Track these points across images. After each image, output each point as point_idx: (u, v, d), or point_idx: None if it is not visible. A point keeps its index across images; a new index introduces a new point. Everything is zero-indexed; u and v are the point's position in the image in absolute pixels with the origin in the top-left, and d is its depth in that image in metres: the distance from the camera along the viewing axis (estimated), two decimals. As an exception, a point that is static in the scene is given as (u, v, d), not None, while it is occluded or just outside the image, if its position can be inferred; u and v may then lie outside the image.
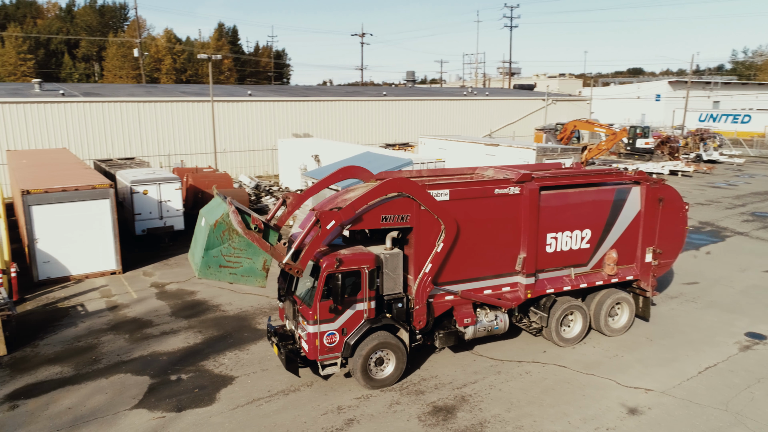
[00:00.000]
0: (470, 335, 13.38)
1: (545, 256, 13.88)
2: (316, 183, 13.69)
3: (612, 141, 39.79)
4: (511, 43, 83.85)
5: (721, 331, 15.51)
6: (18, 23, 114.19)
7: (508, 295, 13.67)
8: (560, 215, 13.87)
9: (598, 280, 14.63)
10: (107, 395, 12.14)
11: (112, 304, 17.36)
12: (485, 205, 13.00)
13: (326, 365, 12.09)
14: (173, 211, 24.17)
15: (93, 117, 34.40)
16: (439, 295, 12.89)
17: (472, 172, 15.02)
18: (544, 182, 13.68)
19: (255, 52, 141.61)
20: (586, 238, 14.30)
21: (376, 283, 12.14)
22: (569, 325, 14.63)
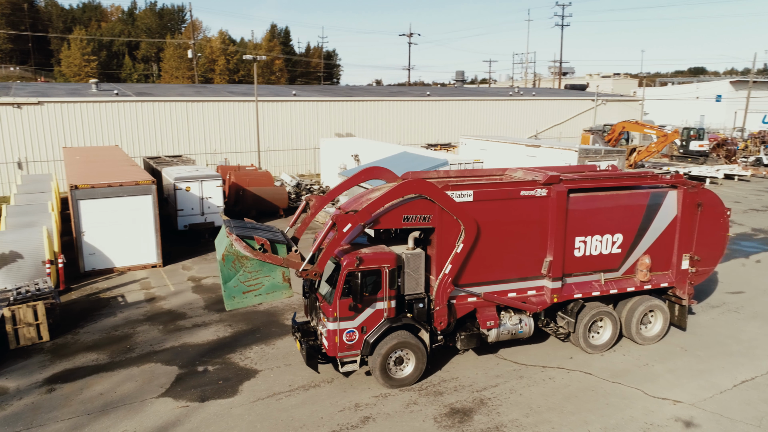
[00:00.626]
0: (493, 338, 13.25)
1: (573, 260, 13.58)
2: (339, 185, 13.85)
3: (662, 143, 38.41)
4: (561, 42, 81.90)
5: (763, 344, 14.78)
6: (83, 26, 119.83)
7: (533, 299, 13.45)
8: (590, 219, 13.54)
9: (629, 286, 14.19)
10: (137, 383, 12.65)
11: (150, 296, 18.05)
12: (511, 207, 12.85)
13: (345, 362, 12.22)
14: (214, 208, 24.86)
15: (144, 116, 35.79)
16: (461, 297, 12.81)
17: (502, 173, 14.88)
18: (572, 185, 13.39)
19: (306, 52, 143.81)
20: (617, 243, 13.90)
21: (397, 282, 12.19)
22: (598, 332, 14.25)
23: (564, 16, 78.87)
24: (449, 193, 12.24)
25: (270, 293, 11.75)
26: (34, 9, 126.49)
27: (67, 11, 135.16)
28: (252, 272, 11.53)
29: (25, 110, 32.52)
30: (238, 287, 11.51)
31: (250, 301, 11.66)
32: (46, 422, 11.12)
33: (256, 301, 11.71)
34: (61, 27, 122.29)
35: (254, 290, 11.61)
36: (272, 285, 11.72)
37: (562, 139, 50.86)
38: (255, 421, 11.19)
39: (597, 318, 14.05)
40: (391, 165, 25.26)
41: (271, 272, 11.68)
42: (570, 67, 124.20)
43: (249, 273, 11.51)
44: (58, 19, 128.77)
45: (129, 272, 20.20)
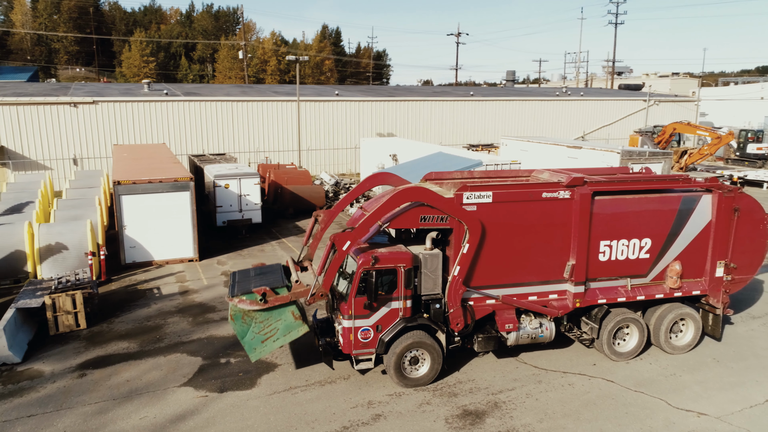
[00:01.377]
0: (512, 341, 13.09)
1: (598, 265, 13.26)
2: (347, 194, 13.95)
3: (716, 146, 36.80)
4: (615, 40, 79.68)
5: (804, 358, 14.01)
6: (144, 29, 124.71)
7: (554, 303, 13.21)
8: (616, 222, 13.19)
9: (658, 293, 13.74)
10: (162, 372, 13.15)
11: (184, 289, 18.69)
12: (532, 209, 12.66)
13: (360, 360, 12.35)
14: (252, 205, 25.50)
15: (192, 115, 37.00)
16: (479, 298, 12.71)
17: (528, 175, 14.69)
18: (597, 187, 13.07)
19: (356, 53, 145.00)
20: (645, 248, 13.48)
21: (414, 282, 12.22)
22: (624, 339, 13.86)
23: (618, 14, 76.55)
24: (467, 194, 12.19)
25: (287, 334, 12.11)
26: (99, 13, 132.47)
27: (129, 14, 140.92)
28: (263, 321, 12.01)
29: (81, 109, 34.19)
30: (256, 338, 11.96)
31: (271, 347, 12.04)
32: (75, 405, 11.72)
33: (277, 345, 12.07)
34: (123, 30, 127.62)
35: (272, 336, 12.04)
36: (286, 326, 12.14)
37: (611, 140, 49.42)
38: (269, 414, 11.46)
39: (622, 325, 13.66)
40: (426, 165, 25.27)
41: (281, 315, 12.11)
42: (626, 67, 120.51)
43: (261, 323, 11.99)
44: (120, 22, 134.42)
45: (167, 265, 20.97)
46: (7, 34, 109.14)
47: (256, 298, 11.87)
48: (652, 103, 52.54)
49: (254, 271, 13.41)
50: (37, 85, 45.91)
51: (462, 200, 12.16)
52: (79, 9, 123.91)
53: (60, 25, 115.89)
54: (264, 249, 23.45)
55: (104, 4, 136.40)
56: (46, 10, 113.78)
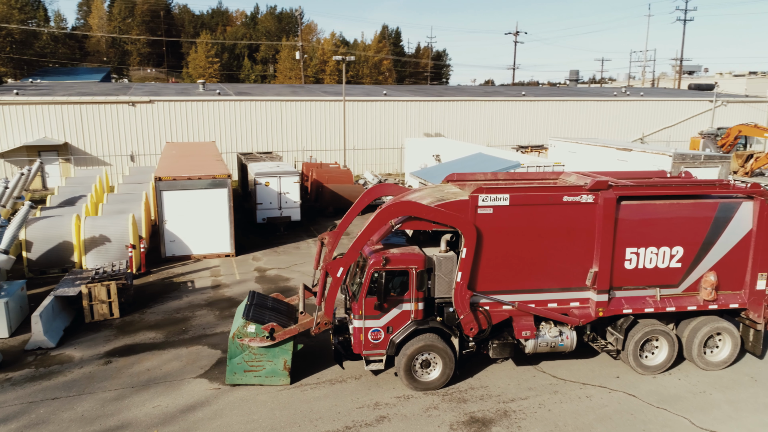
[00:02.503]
0: (530, 349, 12.70)
1: (623, 273, 12.66)
2: (350, 210, 13.81)
3: (785, 149, 34.40)
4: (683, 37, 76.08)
5: None
6: (210, 31, 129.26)
7: (575, 311, 12.70)
8: (644, 228, 12.55)
9: (690, 304, 12.97)
10: (182, 363, 13.56)
11: (217, 283, 19.21)
12: (552, 213, 12.24)
13: (371, 361, 12.31)
14: (291, 203, 25.94)
15: (242, 114, 38.03)
16: (495, 303, 12.41)
17: (555, 178, 14.24)
18: (623, 191, 12.48)
19: (416, 53, 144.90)
20: (676, 257, 12.76)
21: (426, 284, 12.07)
22: (652, 352, 13.17)
23: (687, 10, 72.85)
24: (482, 196, 11.92)
25: (269, 377, 12.38)
26: (170, 16, 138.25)
27: (197, 17, 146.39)
28: (257, 354, 12.23)
29: (138, 108, 35.80)
30: (241, 365, 12.24)
31: (249, 380, 12.33)
32: (96, 390, 12.26)
33: (254, 381, 12.34)
34: (192, 32, 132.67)
35: (255, 371, 12.29)
36: (272, 370, 12.36)
37: (672, 143, 47.10)
38: (276, 409, 11.60)
39: (651, 337, 12.99)
40: (465, 165, 24.96)
41: (274, 358, 12.31)
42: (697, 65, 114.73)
43: (254, 354, 12.22)
44: (189, 24, 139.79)
45: (204, 260, 21.62)
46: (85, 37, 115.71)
47: (263, 334, 12.10)
48: (719, 103, 49.75)
49: (272, 301, 13.53)
50: (102, 85, 48.43)
51: (477, 202, 11.91)
52: (152, 12, 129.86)
53: (133, 28, 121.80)
54: (299, 246, 23.79)
55: (174, 8, 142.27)
56: (120, 14, 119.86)
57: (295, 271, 20.49)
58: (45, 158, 34.30)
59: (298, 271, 20.56)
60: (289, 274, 20.24)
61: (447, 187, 13.72)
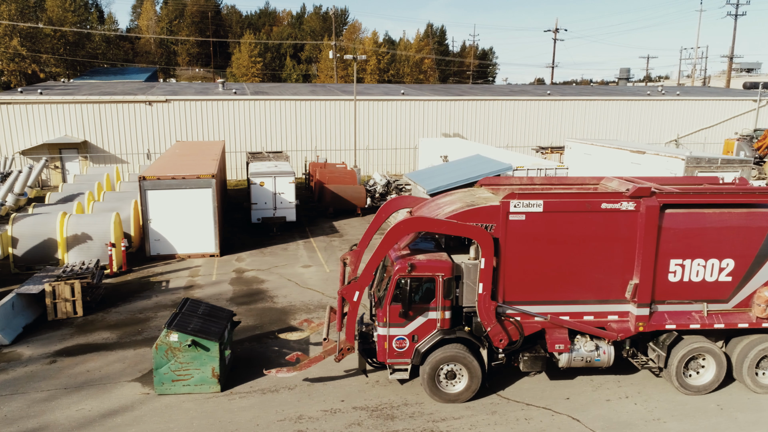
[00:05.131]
0: (564, 363, 12.07)
1: (666, 286, 11.86)
2: (367, 230, 13.38)
3: (825, 153, 31.86)
4: (734, 33, 71.99)
5: (836, 416, 11.54)
6: (256, 30, 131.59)
7: (613, 325, 11.99)
8: (690, 239, 11.70)
9: (742, 322, 12.04)
10: (124, 365, 13.51)
11: (191, 283, 19.20)
12: (589, 221, 11.56)
13: (396, 369, 11.98)
14: (286, 203, 25.77)
15: (257, 113, 38.25)
16: (526, 315, 11.80)
17: (596, 183, 13.55)
18: (667, 199, 11.65)
19: (461, 51, 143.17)
20: (726, 270, 11.88)
21: (454, 292, 11.62)
22: (698, 371, 12.27)
23: (738, 4, 68.80)
24: (514, 202, 11.37)
25: (198, 386, 12.13)
26: (219, 17, 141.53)
27: (245, 17, 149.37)
28: (183, 363, 11.97)
29: (155, 107, 36.53)
30: (168, 375, 12.01)
31: (178, 389, 12.10)
32: (29, 390, 12.33)
33: (183, 390, 12.10)
34: (239, 32, 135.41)
35: (183, 380, 12.05)
36: (201, 379, 12.10)
37: (707, 145, 44.52)
38: (196, 418, 11.34)
39: (697, 354, 12.12)
40: (462, 167, 24.19)
41: (202, 366, 12.03)
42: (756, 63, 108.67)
43: (180, 363, 11.97)
44: (236, 24, 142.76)
45: (188, 259, 21.70)
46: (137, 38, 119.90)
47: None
48: (763, 103, 46.66)
49: (204, 307, 13.26)
50: (128, 84, 49.76)
51: (509, 209, 11.40)
52: (201, 14, 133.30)
53: (183, 29, 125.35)
54: (288, 248, 23.58)
55: (223, 9, 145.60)
56: (169, 16, 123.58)
57: (274, 273, 20.28)
58: (66, 156, 35.47)
59: (278, 273, 20.34)
60: (266, 276, 20.05)
61: (479, 192, 13.35)
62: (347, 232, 26.13)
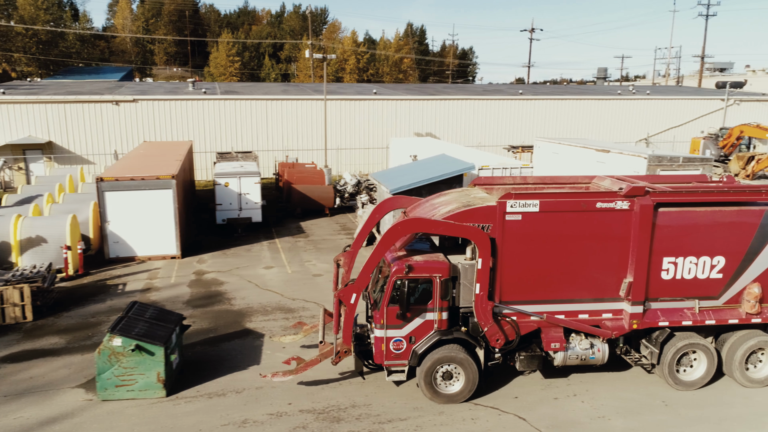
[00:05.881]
0: (560, 362, 12.16)
1: (660, 283, 12.04)
2: (362, 228, 13.49)
3: (788, 151, 32.43)
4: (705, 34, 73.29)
5: (777, 411, 11.68)
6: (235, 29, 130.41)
7: (608, 323, 12.11)
8: (683, 237, 11.90)
9: (732, 318, 12.30)
10: (69, 371, 13.22)
11: (149, 286, 18.90)
12: (585, 220, 11.67)
13: (393, 371, 11.93)
14: (252, 204, 25.53)
15: (227, 113, 37.89)
16: (523, 314, 11.83)
17: (588, 182, 13.74)
18: (661, 197, 11.78)
19: (441, 51, 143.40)
20: (717, 267, 12.10)
21: (451, 293, 11.62)
22: (691, 365, 12.46)
23: (709, 5, 69.82)
24: (511, 201, 11.42)
25: (143, 391, 11.90)
26: (197, 15, 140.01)
27: (224, 16, 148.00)
28: (127, 368, 11.75)
29: (122, 107, 36.00)
30: (111, 380, 11.77)
31: (122, 395, 11.86)
32: (-32, 398, 12.00)
33: (127, 396, 11.87)
34: (217, 31, 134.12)
35: (128, 386, 11.83)
36: (146, 384, 11.88)
37: (676, 143, 45.08)
38: (138, 424, 11.13)
39: (688, 350, 12.28)
40: (427, 166, 24.14)
41: (146, 371, 11.81)
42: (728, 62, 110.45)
43: (124, 369, 11.75)
44: (215, 24, 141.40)
45: (149, 261, 21.37)
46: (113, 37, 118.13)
47: (289, 368, 12.13)
48: (731, 102, 47.39)
49: (153, 311, 13.03)
50: (96, 83, 48.95)
51: (505, 209, 11.43)
52: (179, 12, 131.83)
53: (160, 28, 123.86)
54: (252, 249, 23.35)
55: (201, 7, 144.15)
56: (145, 15, 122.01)
57: (235, 275, 20.06)
58: (30, 156, 34.79)
59: (238, 274, 20.12)
60: (226, 277, 19.81)
61: (474, 192, 13.38)
62: (314, 233, 25.97)
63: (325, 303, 17.34)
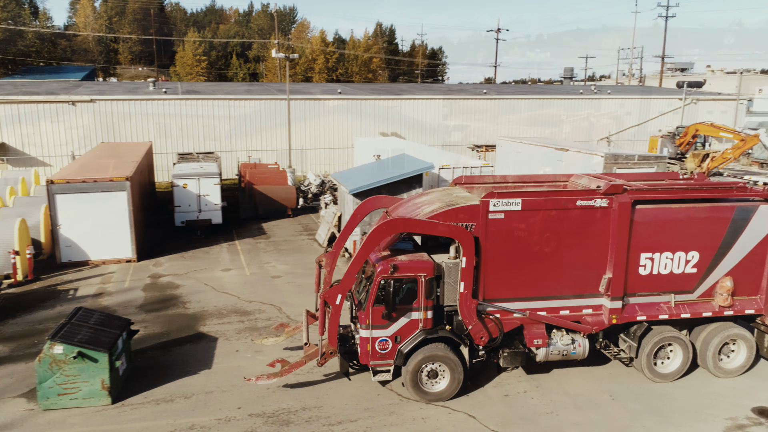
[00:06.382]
0: (542, 357, 12.28)
1: (637, 279, 12.28)
2: (343, 230, 13.56)
3: (740, 149, 33.36)
4: (665, 35, 74.61)
5: (719, 402, 11.99)
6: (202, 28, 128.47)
7: (588, 319, 12.27)
8: (659, 233, 12.17)
9: (705, 311, 12.62)
10: (12, 380, 12.82)
11: (101, 291, 18.46)
12: (565, 218, 11.86)
13: (378, 371, 11.86)
14: (211, 205, 25.17)
15: (188, 113, 37.27)
16: (506, 312, 11.91)
17: (566, 180, 13.94)
18: (639, 195, 11.98)
19: (410, 51, 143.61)
20: (692, 262, 12.41)
21: (436, 292, 11.65)
22: (667, 358, 12.78)
23: (669, 6, 71.49)
24: (494, 201, 11.55)
25: (87, 399, 11.63)
26: (162, 14, 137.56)
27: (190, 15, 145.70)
28: (70, 376, 11.45)
29: (79, 107, 35.13)
30: (53, 389, 11.47)
31: (65, 404, 11.56)
32: None
33: (71, 405, 11.57)
34: (184, 30, 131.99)
35: (70, 394, 11.53)
36: (90, 392, 11.62)
37: (637, 142, 46.02)
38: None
39: (664, 343, 12.52)
40: (388, 166, 24.10)
41: (90, 378, 11.54)
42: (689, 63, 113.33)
43: (67, 377, 11.46)
44: (181, 22, 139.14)
45: (103, 266, 20.87)
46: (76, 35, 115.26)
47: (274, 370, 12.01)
48: (689, 101, 48.59)
49: (98, 316, 12.71)
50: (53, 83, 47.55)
51: (488, 207, 11.52)
52: (144, 11, 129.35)
53: (124, 26, 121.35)
54: (210, 251, 23.01)
55: (167, 6, 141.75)
56: (108, 13, 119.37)
57: (191, 278, 19.73)
58: (-18, 159, 33.67)
59: (195, 277, 19.80)
60: (183, 281, 19.47)
61: (456, 191, 13.42)
62: (275, 234, 25.73)
63: (282, 305, 17.29)
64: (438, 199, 12.66)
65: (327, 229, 23.64)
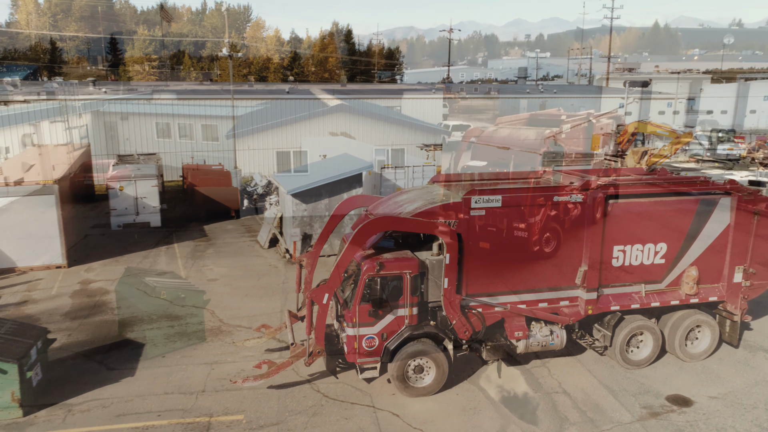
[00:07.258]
0: (522, 349, 12.55)
1: (611, 271, 12.75)
2: (325, 227, 13.71)
3: (676, 146, 34.50)
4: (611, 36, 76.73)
5: (636, 392, 12.36)
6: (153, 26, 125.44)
7: (565, 310, 12.59)
8: (630, 226, 12.62)
9: (673, 299, 13.21)
10: None
11: (26, 298, 17.76)
12: (543, 213, 12.09)
13: (365, 369, 11.89)
14: (150, 208, 24.63)
15: (131, 114, 36.29)
16: (487, 306, 12.11)
17: (539, 176, 14.32)
18: (611, 190, 12.37)
19: (368, 50, 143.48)
20: (660, 253, 12.96)
21: (420, 289, 11.72)
22: (638, 346, 13.29)
23: (613, 9, 73.51)
24: (475, 198, 11.76)
25: None
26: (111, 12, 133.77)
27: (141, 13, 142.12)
28: None
29: (13, 108, 33.74)
30: None
31: None
32: None
33: None
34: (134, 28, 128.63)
35: None
36: None
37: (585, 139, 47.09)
38: (-13, 448, 10.39)
39: (636, 332, 13.06)
40: (329, 166, 24.05)
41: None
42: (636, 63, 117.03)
43: None
44: (131, 20, 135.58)
45: (30, 272, 20.09)
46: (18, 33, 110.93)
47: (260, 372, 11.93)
48: (630, 100, 50.05)
49: (10, 325, 12.17)
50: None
51: (470, 204, 11.77)
52: (91, 8, 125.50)
53: (71, 24, 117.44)
54: (147, 255, 22.42)
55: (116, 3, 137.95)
56: (52, 9, 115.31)
57: (124, 283, 19.19)
58: None
59: (128, 282, 19.26)
60: (114, 286, 18.91)
61: (435, 189, 13.67)
62: (217, 236, 25.28)
63: (216, 309, 17.00)
64: (419, 197, 12.96)
65: (268, 230, 23.38)
